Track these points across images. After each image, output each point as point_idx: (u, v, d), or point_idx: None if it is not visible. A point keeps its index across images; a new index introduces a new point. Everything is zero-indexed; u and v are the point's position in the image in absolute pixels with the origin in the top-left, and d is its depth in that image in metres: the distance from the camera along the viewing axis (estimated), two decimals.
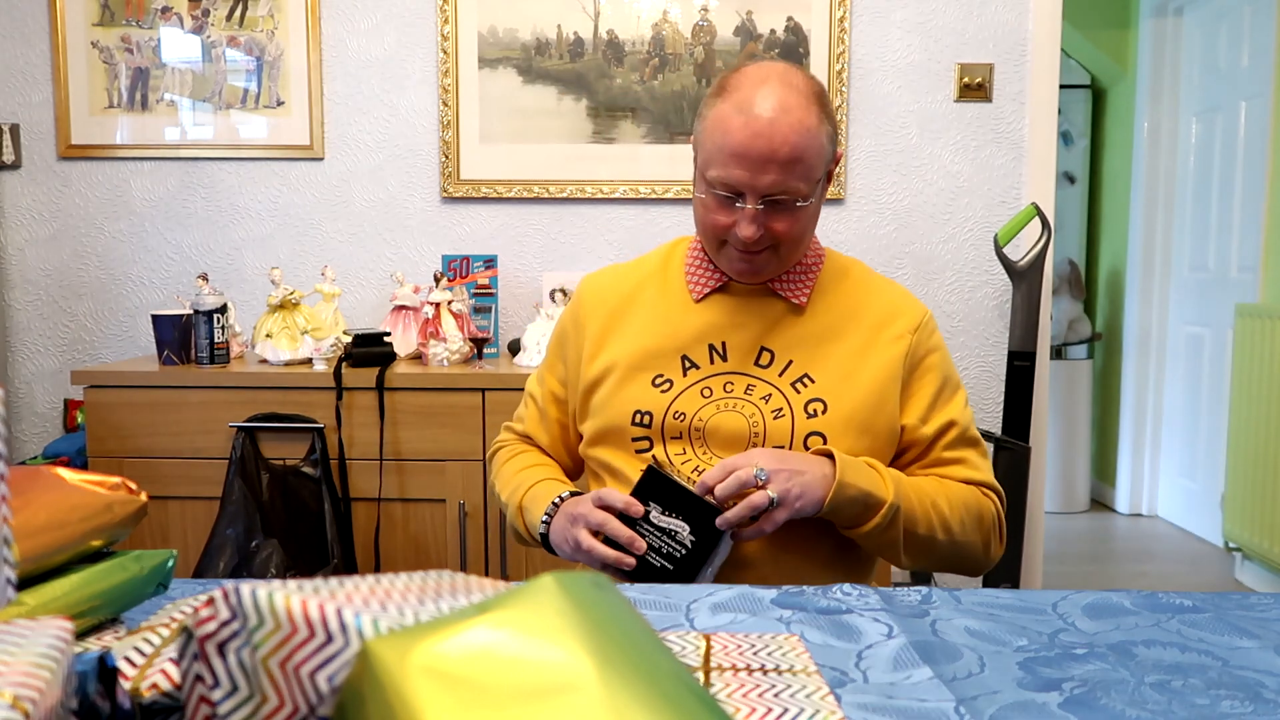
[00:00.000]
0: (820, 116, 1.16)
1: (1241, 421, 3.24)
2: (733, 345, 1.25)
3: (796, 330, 1.25)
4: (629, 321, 1.29)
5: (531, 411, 1.39)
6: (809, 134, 1.14)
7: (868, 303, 1.27)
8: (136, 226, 2.68)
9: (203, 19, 2.62)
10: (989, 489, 1.26)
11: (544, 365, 1.39)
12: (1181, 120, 3.93)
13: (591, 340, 1.29)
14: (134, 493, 0.81)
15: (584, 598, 0.46)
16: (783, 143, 1.13)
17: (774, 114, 1.13)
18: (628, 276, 1.34)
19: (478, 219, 2.67)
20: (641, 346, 1.26)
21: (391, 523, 2.20)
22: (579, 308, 1.33)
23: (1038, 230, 2.58)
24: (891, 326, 1.25)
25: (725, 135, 1.14)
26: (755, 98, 1.14)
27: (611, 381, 1.25)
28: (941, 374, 1.27)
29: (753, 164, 1.14)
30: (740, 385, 1.23)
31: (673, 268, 1.32)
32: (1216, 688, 0.74)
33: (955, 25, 2.61)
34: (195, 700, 0.47)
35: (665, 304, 1.29)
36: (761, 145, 1.13)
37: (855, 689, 0.73)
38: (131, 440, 2.18)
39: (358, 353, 2.23)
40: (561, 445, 1.38)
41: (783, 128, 1.13)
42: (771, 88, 1.14)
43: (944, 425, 1.24)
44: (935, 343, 1.28)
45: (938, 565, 1.24)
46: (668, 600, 0.94)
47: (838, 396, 1.21)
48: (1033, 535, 2.65)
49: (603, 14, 2.61)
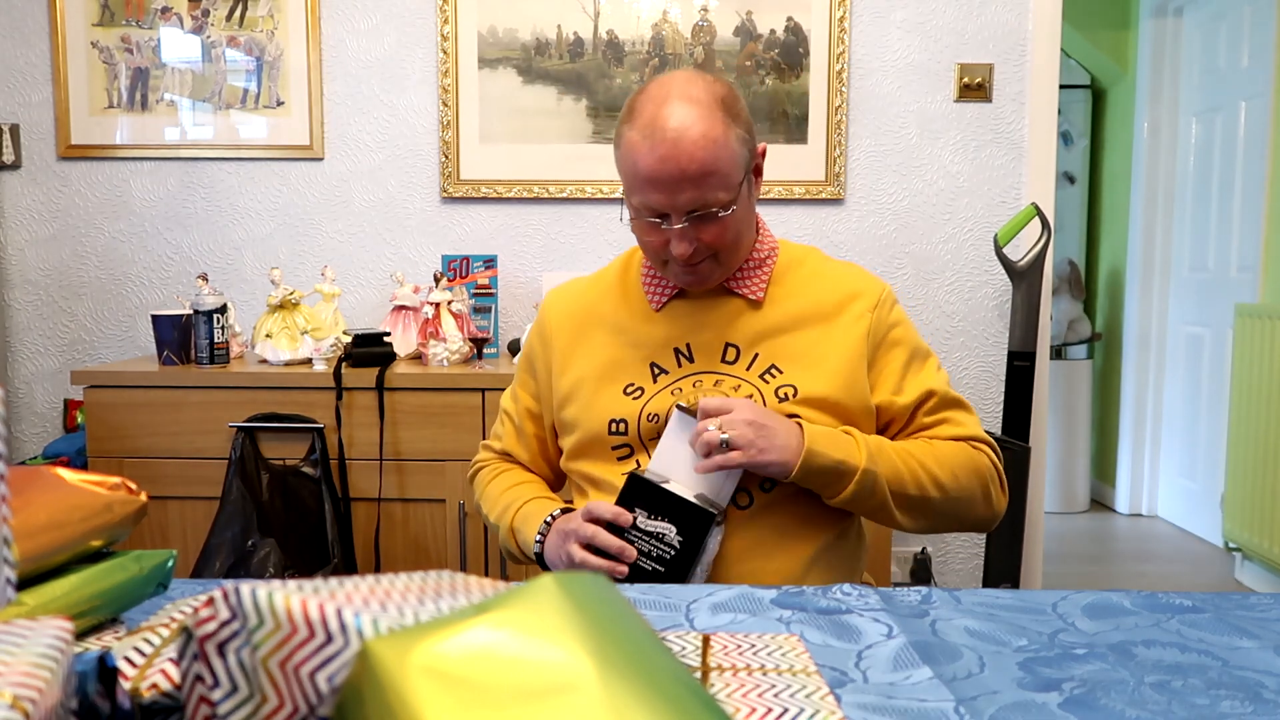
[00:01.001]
0: (726, 122, 1.15)
1: (1241, 421, 3.24)
2: (698, 346, 1.26)
3: (758, 324, 1.26)
4: (593, 335, 1.30)
5: (509, 428, 1.40)
6: (716, 144, 1.13)
7: (824, 288, 1.28)
8: (136, 226, 2.68)
9: (202, 19, 2.62)
10: (979, 441, 1.26)
11: (516, 383, 1.40)
12: (1181, 120, 3.93)
13: (560, 355, 1.31)
14: (134, 493, 0.81)
15: (584, 598, 0.46)
16: (689, 160, 1.12)
17: (676, 133, 1.12)
18: (588, 290, 1.36)
19: (477, 219, 2.67)
20: (609, 358, 1.27)
21: (391, 523, 2.20)
22: (544, 325, 1.35)
23: (1037, 230, 2.58)
24: (851, 308, 1.26)
25: (635, 162, 1.15)
26: (657, 119, 1.13)
27: (583, 395, 1.27)
28: (908, 346, 1.27)
29: (666, 186, 1.14)
30: (710, 381, 1.24)
31: (630, 278, 1.33)
32: (1216, 688, 0.74)
33: (955, 25, 2.61)
34: (195, 700, 0.47)
35: (627, 315, 1.30)
36: (670, 168, 1.13)
37: (855, 689, 0.73)
38: (131, 440, 2.18)
39: (358, 353, 2.23)
40: (542, 460, 1.39)
41: (687, 145, 1.12)
42: (671, 106, 1.13)
43: (922, 395, 1.25)
44: (896, 316, 1.28)
45: (940, 522, 1.24)
46: (668, 600, 0.94)
47: (806, 383, 1.22)
48: (1033, 535, 2.65)
49: (603, 14, 2.61)
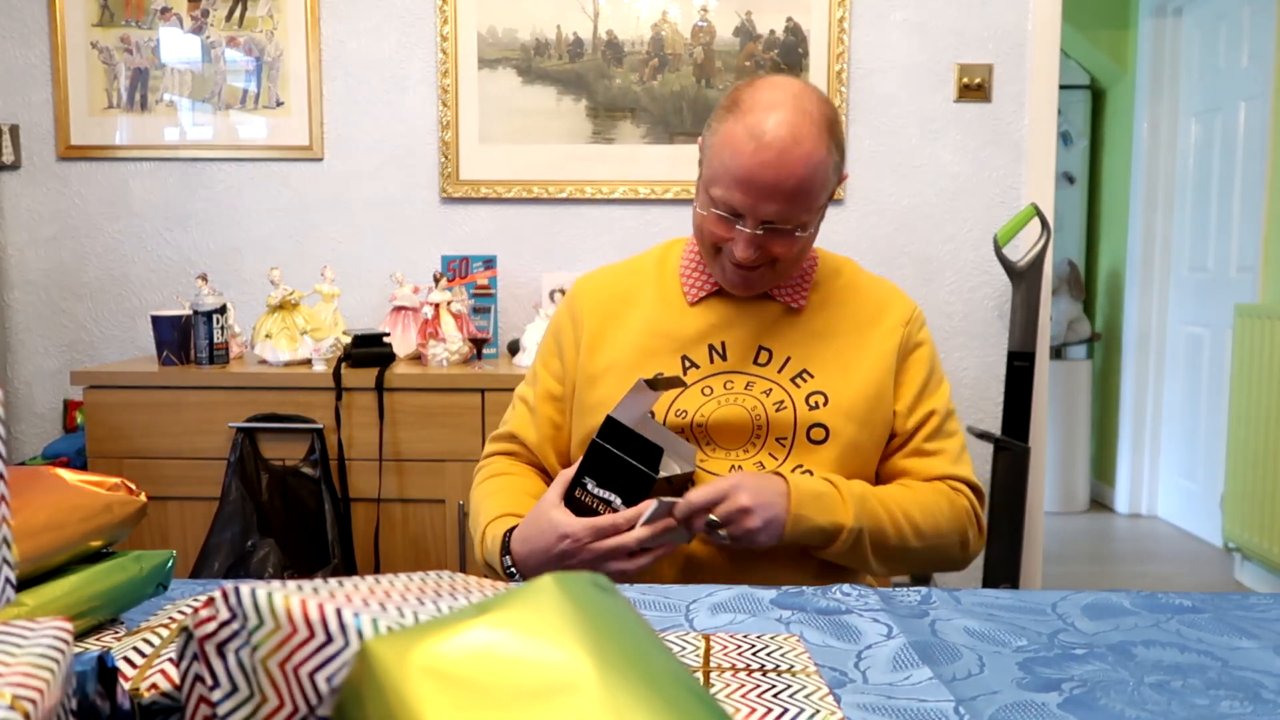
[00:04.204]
0: (830, 146, 1.14)
1: (1241, 422, 3.24)
2: (731, 344, 1.25)
3: (793, 329, 1.26)
4: (626, 322, 1.28)
5: (520, 411, 1.34)
6: (817, 166, 1.13)
7: (860, 299, 1.29)
8: (136, 227, 2.68)
9: (202, 19, 2.62)
10: (963, 482, 1.26)
11: (537, 363, 1.35)
12: (1181, 120, 3.93)
13: (590, 335, 1.29)
14: (133, 493, 0.81)
15: (584, 598, 0.46)
16: (789, 175, 1.11)
17: (785, 144, 1.10)
18: (622, 277, 1.34)
19: (477, 219, 2.67)
20: (640, 347, 1.26)
21: (391, 523, 2.20)
22: (575, 305, 1.32)
23: (1037, 230, 2.58)
24: (885, 321, 1.27)
25: (733, 157, 1.13)
26: (768, 123, 1.11)
27: (613, 380, 1.25)
28: (929, 365, 1.29)
29: (757, 192, 1.12)
30: (740, 382, 1.24)
31: (668, 270, 1.32)
32: (1216, 688, 0.74)
33: (955, 25, 2.61)
34: (195, 700, 0.47)
35: (662, 305, 1.29)
36: (768, 175, 1.11)
37: (855, 689, 0.73)
38: (131, 441, 2.18)
39: (357, 353, 2.23)
40: (549, 446, 1.32)
41: (791, 160, 1.11)
42: (785, 114, 1.11)
43: (925, 415, 1.26)
44: (924, 336, 1.30)
45: (914, 568, 1.24)
46: (668, 600, 0.94)
47: (837, 390, 1.22)
48: (1032, 535, 2.65)
49: (602, 14, 2.61)
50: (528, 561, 1.14)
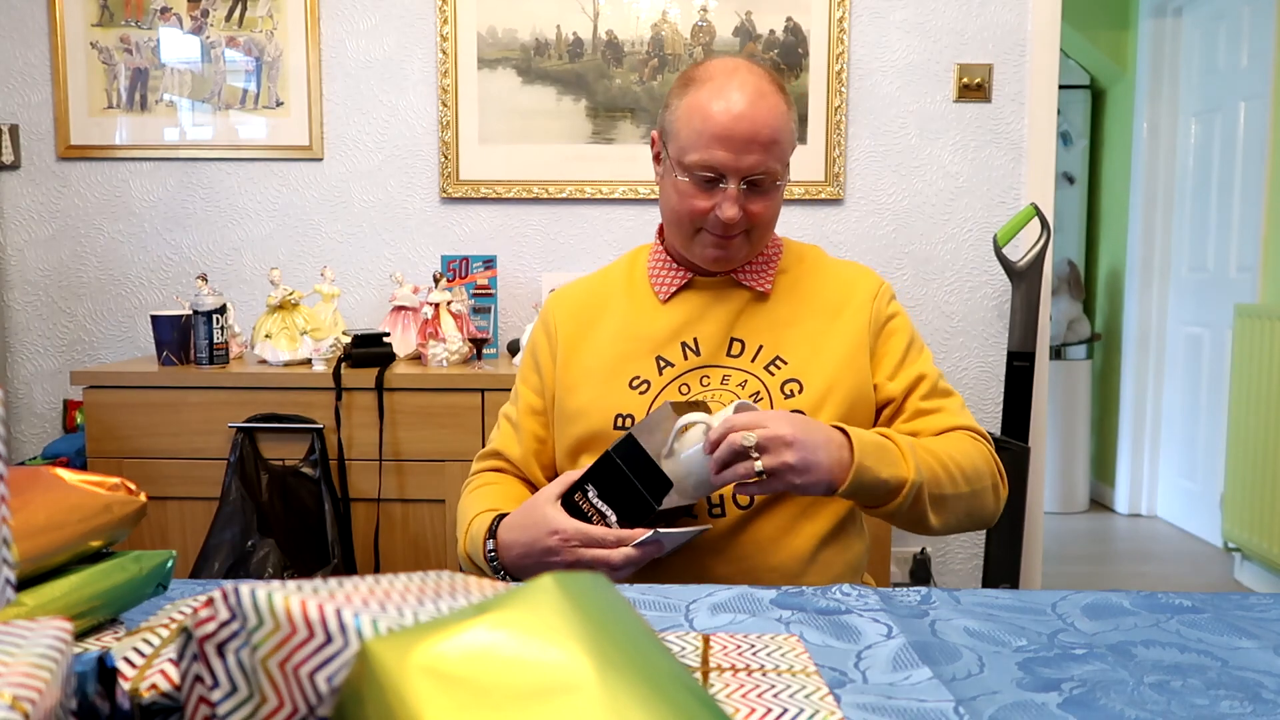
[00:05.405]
0: (788, 103, 1.23)
1: (1241, 422, 3.24)
2: (704, 339, 1.26)
3: (763, 317, 1.27)
4: (599, 330, 1.30)
5: (504, 429, 1.35)
6: (783, 117, 1.21)
7: (826, 281, 1.31)
8: (136, 227, 2.68)
9: (202, 19, 2.62)
10: (975, 432, 1.25)
11: (518, 381, 1.37)
12: (1180, 121, 3.93)
13: (565, 346, 1.30)
14: (133, 493, 0.81)
15: (584, 598, 0.46)
16: (764, 124, 1.18)
17: (752, 98, 1.18)
18: (592, 286, 1.36)
19: (477, 219, 2.67)
20: (615, 352, 1.27)
21: (391, 523, 2.20)
22: (548, 319, 1.34)
23: (1037, 230, 2.58)
24: (852, 299, 1.28)
25: (705, 121, 1.19)
26: (731, 85, 1.19)
27: (589, 388, 1.26)
28: (907, 335, 1.29)
29: (737, 145, 1.18)
30: (716, 377, 1.24)
31: (637, 273, 1.34)
32: (1216, 688, 0.74)
33: (955, 25, 2.61)
34: (195, 701, 0.47)
35: (633, 308, 1.30)
36: (744, 127, 1.18)
37: (855, 689, 0.73)
38: (130, 441, 2.18)
39: (357, 353, 2.23)
40: (533, 459, 1.32)
41: (762, 111, 1.18)
42: (743, 76, 1.20)
43: (914, 379, 1.26)
44: (895, 308, 1.31)
45: (959, 520, 1.20)
46: (667, 600, 0.94)
47: (811, 374, 1.22)
48: (1032, 535, 2.65)
49: (602, 14, 2.61)
50: (511, 549, 1.15)
